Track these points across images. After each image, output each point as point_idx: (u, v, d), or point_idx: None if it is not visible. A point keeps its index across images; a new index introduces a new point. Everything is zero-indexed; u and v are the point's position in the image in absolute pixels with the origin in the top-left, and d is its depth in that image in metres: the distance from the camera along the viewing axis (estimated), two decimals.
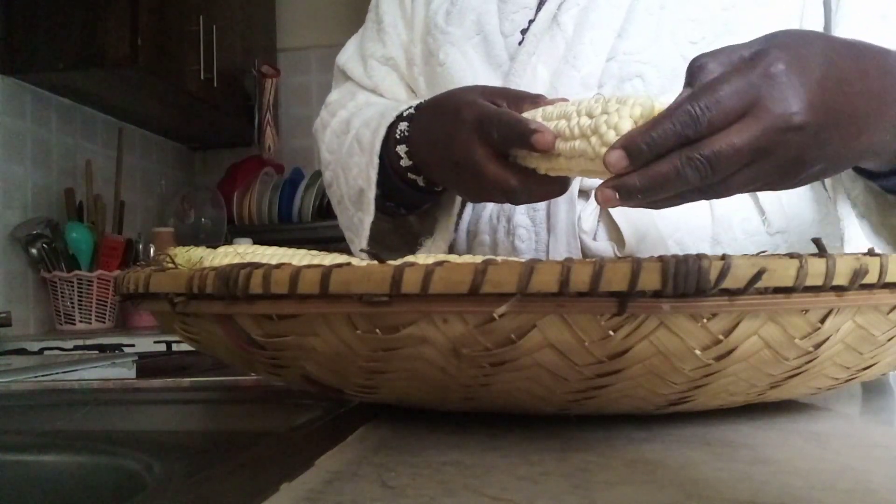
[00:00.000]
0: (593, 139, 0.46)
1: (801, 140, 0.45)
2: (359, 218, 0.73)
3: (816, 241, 0.37)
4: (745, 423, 0.42)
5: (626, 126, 0.44)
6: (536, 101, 0.57)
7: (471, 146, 0.57)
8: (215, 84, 2.37)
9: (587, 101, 0.49)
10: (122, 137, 2.42)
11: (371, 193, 0.70)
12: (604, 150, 0.45)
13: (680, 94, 0.45)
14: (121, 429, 0.62)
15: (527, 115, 0.55)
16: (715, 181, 0.44)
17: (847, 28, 0.67)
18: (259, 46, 2.78)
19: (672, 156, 0.43)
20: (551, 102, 0.55)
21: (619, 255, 0.68)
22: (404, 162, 0.67)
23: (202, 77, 2.30)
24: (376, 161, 0.69)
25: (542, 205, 0.71)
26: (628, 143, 0.43)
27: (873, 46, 0.51)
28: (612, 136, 0.45)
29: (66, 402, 0.66)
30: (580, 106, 0.49)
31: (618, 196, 0.44)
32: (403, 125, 0.67)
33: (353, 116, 0.78)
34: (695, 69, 0.46)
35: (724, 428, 0.41)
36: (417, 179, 0.67)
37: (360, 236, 0.73)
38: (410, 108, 0.68)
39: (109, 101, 2.29)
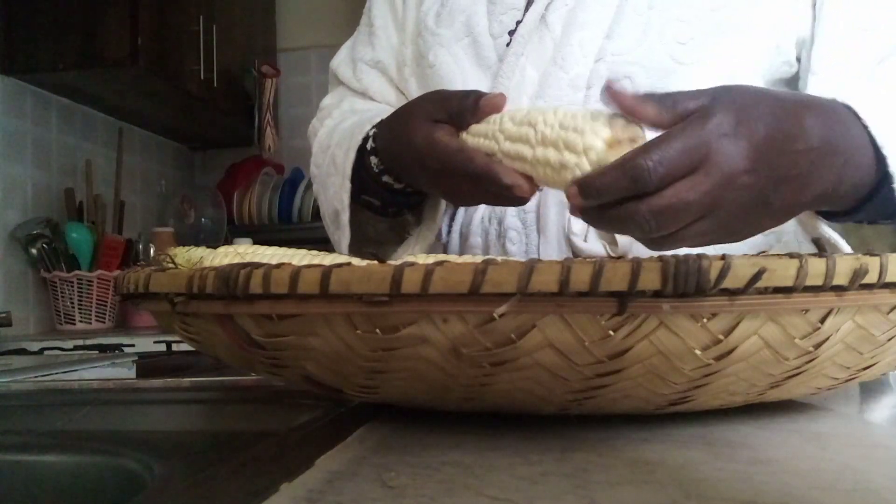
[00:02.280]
0: (565, 173, 0.47)
1: (748, 197, 0.46)
2: (337, 237, 0.74)
3: (816, 241, 0.37)
4: (745, 423, 0.42)
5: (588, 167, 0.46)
6: (476, 113, 0.56)
7: (448, 187, 0.59)
8: (215, 84, 2.37)
9: (534, 137, 0.49)
10: (122, 137, 2.42)
11: (345, 216, 0.70)
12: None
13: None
14: (121, 429, 0.62)
15: (479, 140, 0.55)
16: (660, 235, 0.45)
17: (827, 40, 0.67)
18: (259, 46, 2.78)
19: (623, 206, 0.44)
20: (490, 107, 0.55)
21: (612, 254, 0.68)
22: (387, 179, 0.67)
23: (202, 77, 2.30)
24: (348, 185, 0.69)
25: (532, 207, 0.71)
26: (583, 183, 0.45)
27: (819, 101, 0.52)
28: (576, 174, 0.46)
29: (66, 402, 0.66)
30: (533, 149, 0.49)
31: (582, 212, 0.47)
32: (370, 143, 0.67)
33: (335, 130, 0.78)
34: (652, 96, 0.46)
35: (724, 428, 0.41)
36: (394, 184, 0.67)
37: (340, 251, 0.74)
38: (373, 127, 0.68)
39: (109, 101, 2.29)
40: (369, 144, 0.67)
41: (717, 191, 0.44)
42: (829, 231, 0.56)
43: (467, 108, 0.56)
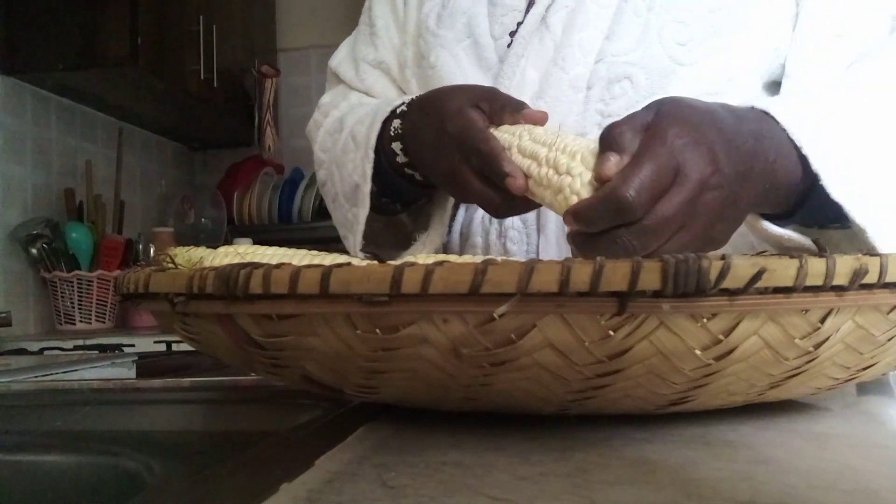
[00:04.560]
0: (559, 197, 0.50)
1: (719, 198, 0.47)
2: (353, 213, 0.74)
3: (816, 241, 0.37)
4: (745, 423, 0.42)
5: (587, 194, 0.48)
6: (515, 114, 0.57)
7: (455, 164, 0.59)
8: (215, 84, 2.37)
9: (556, 144, 0.51)
10: (122, 137, 2.42)
11: (366, 187, 0.70)
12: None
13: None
14: (121, 429, 0.62)
15: (504, 134, 0.56)
16: (645, 252, 0.46)
17: (803, 43, 0.68)
18: (259, 46, 2.78)
19: (609, 233, 0.46)
20: (532, 118, 0.57)
21: None
22: (400, 158, 0.67)
23: (202, 77, 2.30)
24: (371, 155, 0.69)
25: None
26: (576, 212, 0.47)
27: (737, 107, 0.54)
28: (574, 201, 0.48)
29: (66, 402, 0.66)
30: (550, 151, 0.51)
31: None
32: (397, 122, 0.68)
33: (347, 115, 0.78)
34: (610, 140, 0.48)
35: (724, 428, 0.41)
36: (415, 174, 0.68)
37: (354, 232, 0.73)
38: (403, 104, 0.69)
39: (109, 101, 2.29)
40: (392, 127, 0.68)
41: (692, 198, 0.46)
42: (779, 230, 0.57)
43: (510, 107, 0.58)
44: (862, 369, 0.40)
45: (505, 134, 0.56)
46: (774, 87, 0.72)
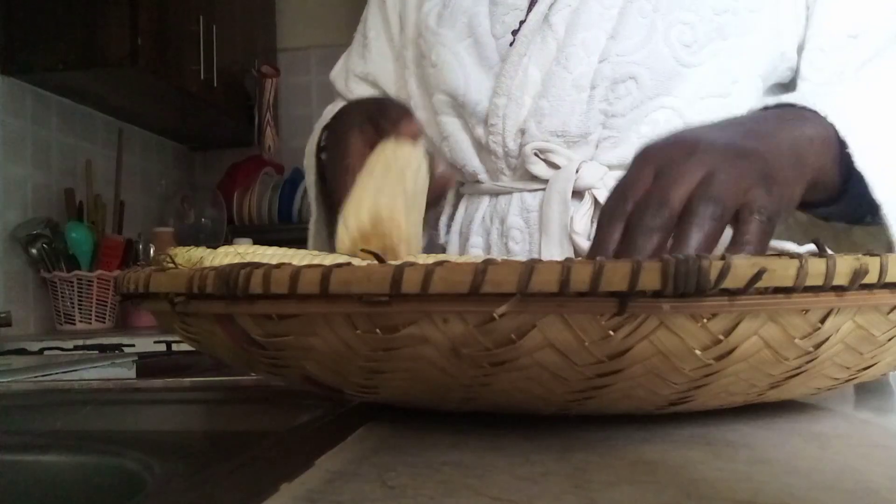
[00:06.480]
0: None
1: (758, 164, 0.44)
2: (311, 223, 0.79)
3: (816, 241, 0.37)
4: (745, 423, 0.42)
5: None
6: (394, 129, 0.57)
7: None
8: (215, 84, 2.37)
9: None
10: (122, 137, 2.42)
11: (311, 192, 0.76)
12: None
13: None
14: (121, 429, 0.62)
15: None
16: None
17: (816, 45, 0.68)
18: (259, 46, 2.78)
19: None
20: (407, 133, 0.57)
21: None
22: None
23: (202, 77, 2.30)
24: (313, 162, 0.74)
25: (535, 206, 0.71)
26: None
27: (769, 118, 0.52)
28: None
29: (66, 402, 0.66)
30: None
31: None
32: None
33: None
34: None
35: (724, 428, 0.41)
36: None
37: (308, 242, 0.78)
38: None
39: (109, 101, 2.29)
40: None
41: (724, 162, 0.43)
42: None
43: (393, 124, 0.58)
44: (862, 369, 0.40)
45: None
46: (779, 89, 0.72)
